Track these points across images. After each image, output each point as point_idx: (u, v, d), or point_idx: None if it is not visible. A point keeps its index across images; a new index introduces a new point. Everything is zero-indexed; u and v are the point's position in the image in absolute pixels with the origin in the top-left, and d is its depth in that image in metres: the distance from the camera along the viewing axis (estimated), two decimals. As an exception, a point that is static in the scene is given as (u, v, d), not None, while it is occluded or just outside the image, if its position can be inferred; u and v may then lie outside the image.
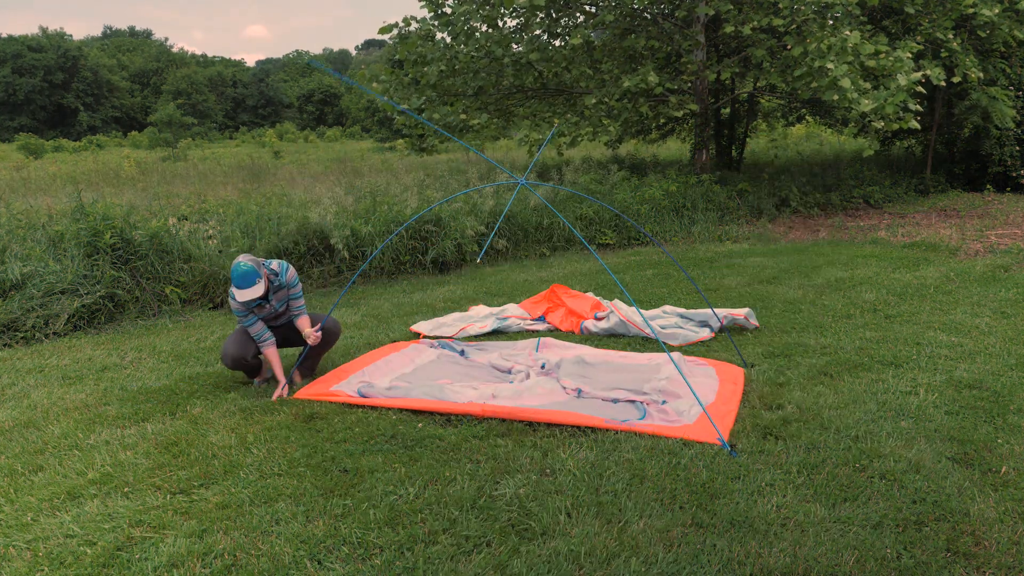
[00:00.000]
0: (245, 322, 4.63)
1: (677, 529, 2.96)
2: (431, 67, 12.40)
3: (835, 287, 7.10)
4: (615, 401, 4.29)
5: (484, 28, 12.57)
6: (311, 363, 5.00)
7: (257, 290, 4.40)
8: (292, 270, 4.74)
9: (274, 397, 4.52)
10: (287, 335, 4.95)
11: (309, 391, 4.56)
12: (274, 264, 4.67)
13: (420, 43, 12.77)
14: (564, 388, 4.50)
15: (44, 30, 70.54)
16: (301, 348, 5.06)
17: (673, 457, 3.55)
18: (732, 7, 10.98)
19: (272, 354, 4.69)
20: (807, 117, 17.45)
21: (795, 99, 13.76)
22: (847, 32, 10.16)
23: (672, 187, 11.38)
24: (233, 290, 4.44)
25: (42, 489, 3.43)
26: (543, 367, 4.94)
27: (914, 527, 2.95)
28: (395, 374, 4.87)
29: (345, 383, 4.64)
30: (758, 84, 13.58)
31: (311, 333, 4.75)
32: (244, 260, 4.41)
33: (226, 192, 12.71)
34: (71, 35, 76.60)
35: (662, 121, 15.82)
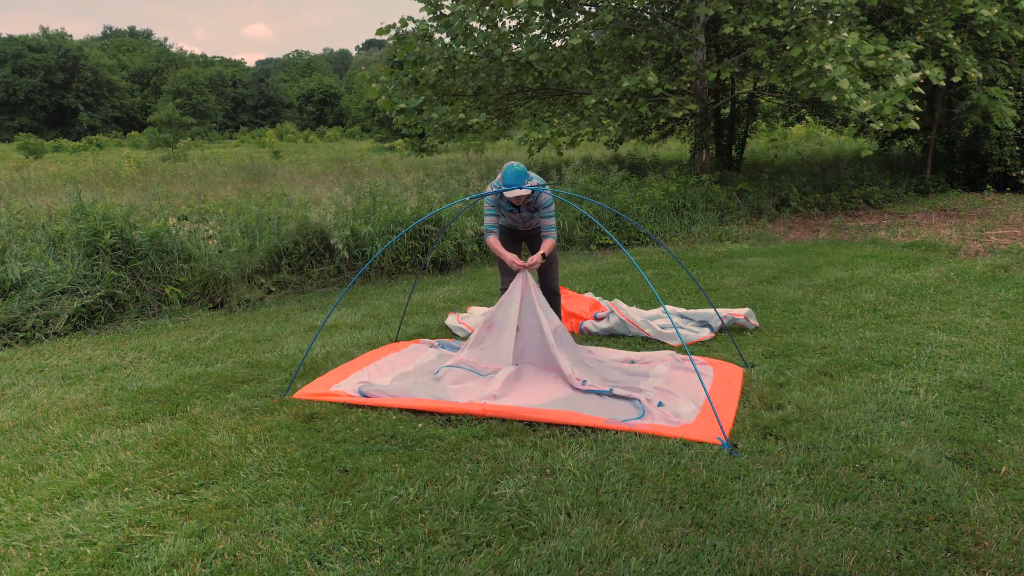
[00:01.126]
0: (489, 211, 5.12)
1: (677, 529, 2.96)
2: (429, 67, 12.40)
3: (835, 287, 7.10)
4: (612, 393, 4.28)
5: (483, 28, 12.57)
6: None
7: (520, 192, 4.84)
8: (548, 194, 5.04)
9: (526, 264, 4.96)
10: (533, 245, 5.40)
11: (309, 391, 4.56)
12: (534, 180, 4.98)
13: (418, 43, 12.77)
14: (564, 374, 4.49)
15: (44, 30, 70.59)
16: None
17: (673, 457, 3.55)
18: (732, 7, 10.98)
19: (494, 242, 5.09)
20: (807, 117, 17.46)
21: (795, 99, 13.76)
22: (845, 33, 10.16)
23: (672, 187, 11.38)
24: (499, 185, 4.97)
25: (42, 489, 3.43)
26: None
27: (914, 527, 2.95)
28: (395, 373, 4.87)
29: (345, 382, 4.64)
30: (758, 84, 13.58)
31: (534, 259, 5.04)
32: (517, 163, 4.90)
33: (226, 192, 12.72)
34: (71, 35, 76.68)
35: (662, 121, 15.83)
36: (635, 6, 12.51)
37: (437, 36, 13.05)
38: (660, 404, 4.15)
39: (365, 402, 4.32)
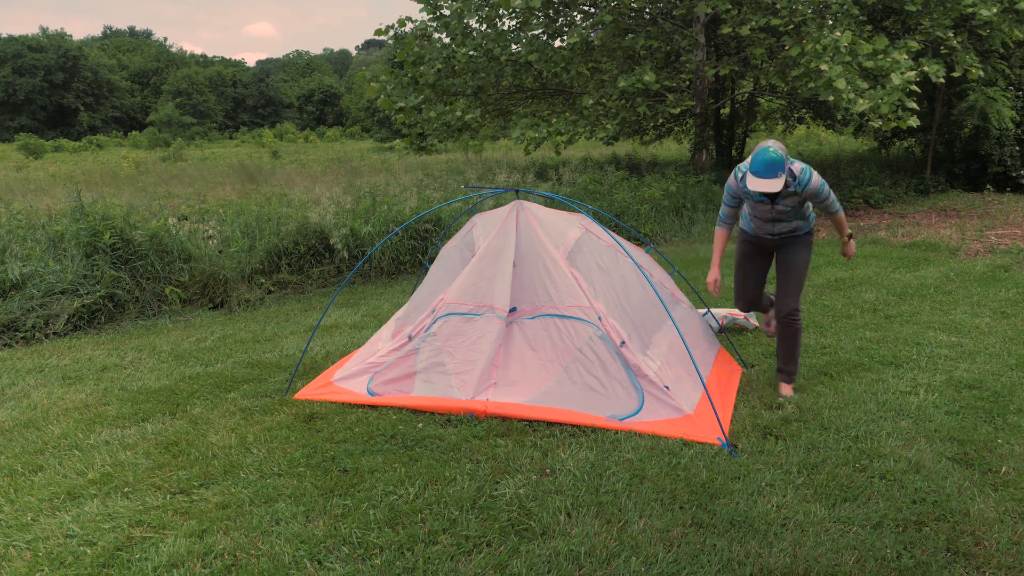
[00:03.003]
0: (727, 202, 4.25)
1: (677, 529, 2.96)
2: (427, 66, 12.41)
3: (835, 287, 7.10)
4: (622, 348, 4.14)
5: (482, 28, 12.58)
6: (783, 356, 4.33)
7: (774, 184, 3.77)
8: (817, 177, 4.01)
9: (708, 281, 4.30)
10: (782, 255, 4.31)
11: (310, 388, 4.56)
12: (796, 166, 3.99)
13: (417, 43, 12.78)
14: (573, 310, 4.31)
15: (44, 30, 70.55)
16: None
17: (673, 457, 3.55)
18: (731, 7, 10.98)
19: (719, 237, 4.32)
20: (807, 118, 17.46)
21: (795, 99, 13.77)
22: (838, 33, 10.17)
23: (672, 187, 11.38)
24: (745, 173, 4.01)
25: (42, 489, 3.43)
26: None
27: (914, 527, 2.95)
28: (396, 344, 4.69)
29: (347, 366, 4.66)
30: (758, 84, 13.59)
31: (847, 244, 4.21)
32: (773, 146, 3.82)
33: (226, 192, 12.72)
34: (71, 35, 76.69)
35: (660, 121, 15.81)
36: (634, 5, 12.51)
37: (436, 36, 13.07)
38: (666, 387, 4.04)
39: (366, 401, 4.32)
